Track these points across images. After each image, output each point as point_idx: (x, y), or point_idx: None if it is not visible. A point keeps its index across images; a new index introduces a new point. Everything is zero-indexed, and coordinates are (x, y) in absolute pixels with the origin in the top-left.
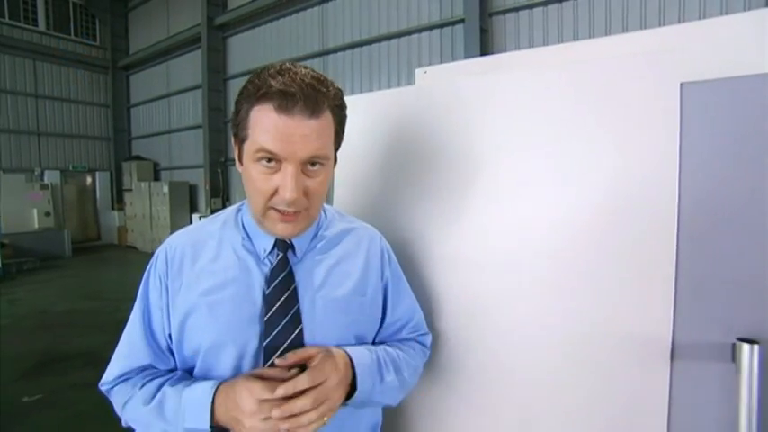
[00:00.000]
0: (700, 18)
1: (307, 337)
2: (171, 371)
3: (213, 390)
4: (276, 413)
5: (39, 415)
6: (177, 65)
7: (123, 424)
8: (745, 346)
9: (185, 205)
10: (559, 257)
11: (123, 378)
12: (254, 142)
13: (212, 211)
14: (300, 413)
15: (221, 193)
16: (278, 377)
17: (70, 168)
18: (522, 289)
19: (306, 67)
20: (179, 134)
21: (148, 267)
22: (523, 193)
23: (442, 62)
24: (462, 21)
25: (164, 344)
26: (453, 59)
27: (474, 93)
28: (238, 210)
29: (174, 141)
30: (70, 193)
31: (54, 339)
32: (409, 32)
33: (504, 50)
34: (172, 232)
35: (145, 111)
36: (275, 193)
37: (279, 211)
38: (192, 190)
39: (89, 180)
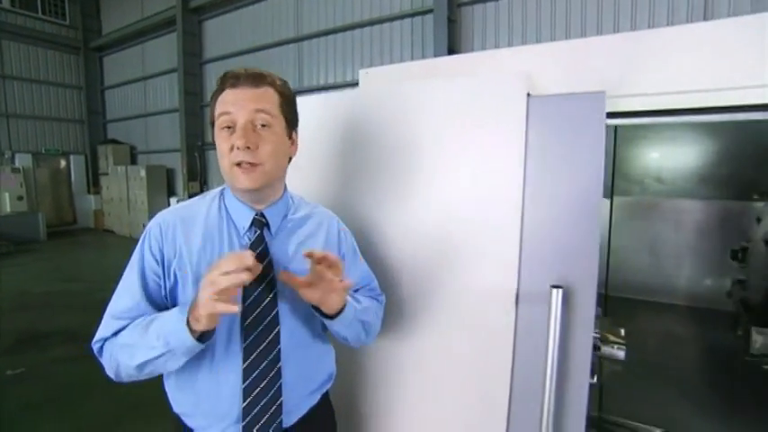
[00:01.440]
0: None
1: (280, 300)
2: None
3: (187, 308)
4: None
5: (22, 386)
6: (152, 47)
7: (112, 373)
8: (554, 290)
9: (163, 189)
10: (455, 237)
11: (120, 330)
12: (217, 113)
13: (190, 195)
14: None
15: (199, 177)
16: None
17: (42, 151)
18: (435, 260)
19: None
20: (155, 118)
21: (143, 237)
22: (426, 186)
23: (413, 51)
24: (431, 11)
25: (159, 299)
26: (423, 49)
27: (383, 99)
28: (221, 192)
29: (150, 125)
30: (43, 176)
31: (33, 319)
32: (381, 21)
33: (472, 41)
34: (150, 216)
35: (120, 93)
36: (233, 148)
37: (239, 165)
38: (170, 174)
39: (63, 163)
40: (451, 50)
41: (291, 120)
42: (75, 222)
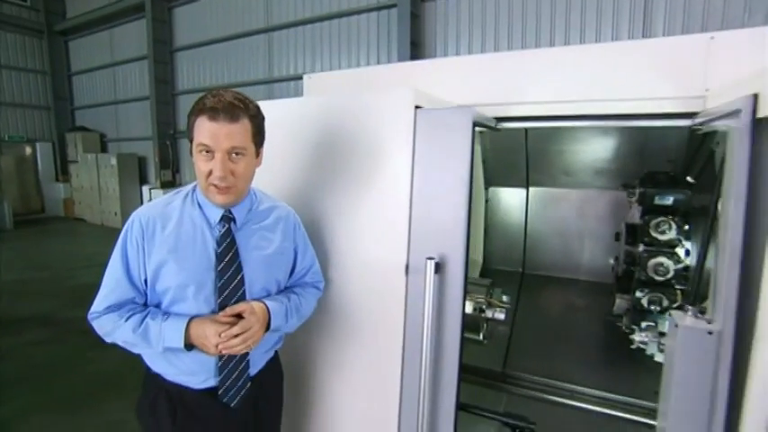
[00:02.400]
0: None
1: (246, 281)
2: (144, 305)
3: (186, 322)
4: (221, 346)
5: None
6: (121, 33)
7: (108, 341)
8: (428, 261)
9: (135, 177)
10: (362, 224)
11: (111, 309)
12: (197, 140)
13: (162, 183)
14: (234, 346)
15: (171, 165)
16: (227, 322)
17: (6, 138)
18: (349, 241)
19: (233, 91)
20: (126, 105)
21: (125, 231)
22: (343, 181)
23: (378, 45)
24: (395, 5)
25: (140, 284)
26: (388, 43)
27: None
28: (193, 189)
29: (120, 112)
30: (7, 164)
31: (5, 306)
32: (348, 14)
33: (435, 35)
34: (122, 204)
35: (88, 79)
36: (211, 173)
37: (215, 186)
38: (142, 162)
39: (29, 150)
40: (414, 45)
41: (260, 141)
42: (44, 211)
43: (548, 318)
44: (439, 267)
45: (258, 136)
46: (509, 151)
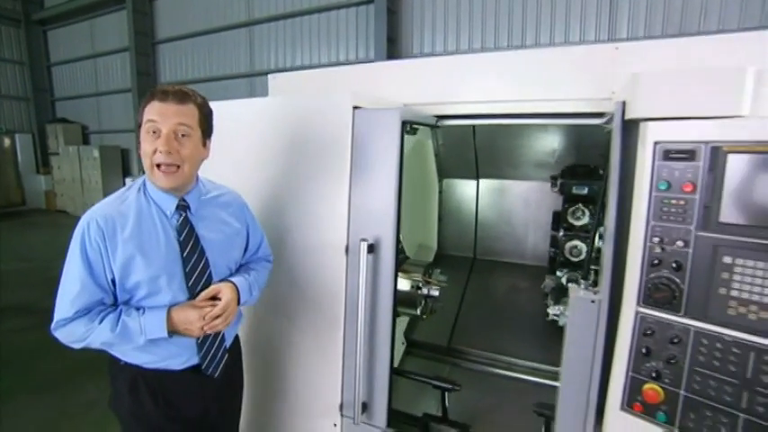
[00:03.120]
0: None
1: (210, 263)
2: (113, 305)
3: (165, 312)
4: (206, 327)
5: None
6: (102, 24)
7: (78, 347)
8: (362, 243)
9: (117, 169)
10: (310, 211)
11: (79, 313)
12: (145, 118)
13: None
14: (217, 325)
15: None
16: (206, 305)
17: None
18: (299, 226)
19: (182, 85)
20: (108, 97)
21: (82, 233)
22: (295, 174)
23: (357, 40)
24: (372, 1)
25: (107, 285)
26: (366, 38)
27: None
28: (143, 184)
29: (102, 104)
30: None
31: None
32: (328, 9)
33: (411, 31)
34: (105, 196)
35: (68, 71)
36: (156, 151)
37: (159, 167)
38: (125, 154)
39: (8, 142)
40: (391, 40)
41: (207, 131)
42: (25, 203)
43: (493, 298)
44: (372, 248)
45: (205, 124)
46: (460, 146)
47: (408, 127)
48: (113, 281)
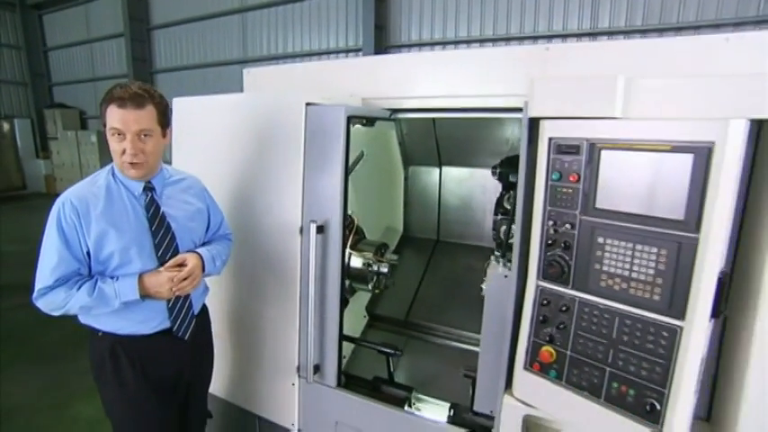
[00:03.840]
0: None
1: (177, 237)
2: (89, 276)
3: (137, 276)
4: (174, 288)
5: None
6: (96, 8)
7: (57, 314)
8: (312, 224)
9: None
10: (269, 196)
11: (59, 282)
12: (109, 125)
13: None
14: (185, 287)
15: None
16: (172, 271)
17: None
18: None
19: (139, 83)
20: (105, 82)
21: (58, 212)
22: (259, 167)
23: (347, 27)
24: None
25: (82, 257)
26: (356, 25)
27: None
28: (111, 170)
29: (99, 89)
30: None
31: None
32: None
33: (400, 19)
34: None
35: (65, 55)
36: (124, 151)
37: (129, 163)
38: None
39: (6, 127)
40: (379, 28)
41: (165, 123)
42: (25, 187)
43: (450, 277)
44: (322, 229)
45: (163, 119)
46: (423, 136)
47: (364, 120)
48: (88, 253)
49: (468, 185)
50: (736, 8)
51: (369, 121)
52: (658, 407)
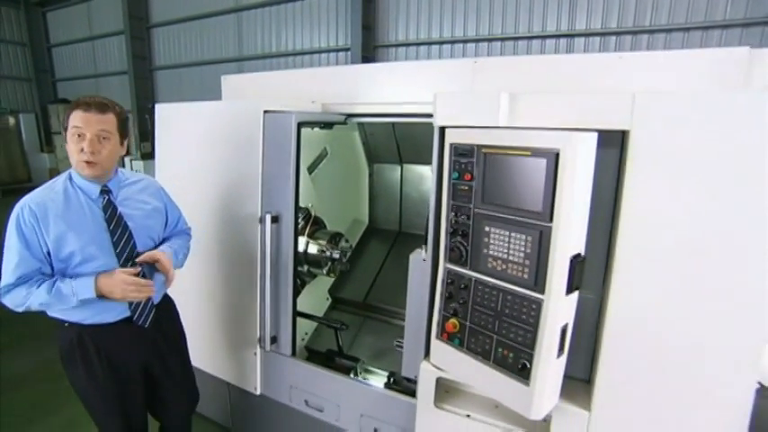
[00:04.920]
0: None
1: (134, 233)
2: (51, 275)
3: (94, 276)
4: (126, 294)
5: None
6: (98, 6)
7: (20, 310)
8: (267, 215)
9: None
10: (232, 193)
11: (21, 280)
12: (71, 125)
13: (142, 155)
14: (136, 295)
15: (150, 137)
16: (128, 271)
17: None
18: (232, 206)
19: (102, 96)
20: (106, 79)
21: (17, 217)
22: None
23: (337, 28)
24: None
25: (42, 257)
26: (346, 25)
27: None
28: (69, 176)
29: (101, 85)
30: None
31: None
32: None
33: (387, 20)
34: None
35: (68, 52)
36: (82, 150)
37: (85, 161)
38: None
39: (12, 121)
40: (366, 28)
41: (123, 133)
42: (31, 180)
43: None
44: (276, 219)
45: (122, 128)
46: (385, 136)
47: (321, 124)
48: (48, 253)
49: (427, 182)
50: (705, 13)
51: (327, 124)
52: (528, 366)
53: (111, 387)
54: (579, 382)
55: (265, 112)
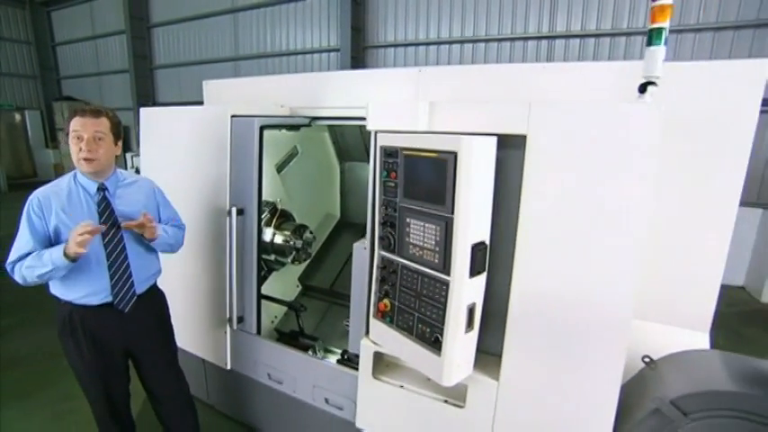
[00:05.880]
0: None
1: (123, 231)
2: None
3: (63, 244)
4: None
5: None
6: (100, 6)
7: (21, 282)
8: (233, 208)
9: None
10: (203, 190)
11: (22, 258)
12: (72, 129)
13: None
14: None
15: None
16: (88, 225)
17: None
18: (205, 201)
19: (98, 104)
20: (109, 77)
21: (28, 206)
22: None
23: (329, 29)
24: None
25: (45, 240)
26: (337, 27)
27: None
28: (74, 174)
29: (104, 83)
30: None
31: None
32: None
33: (377, 21)
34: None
35: (71, 51)
36: (81, 149)
37: (84, 158)
38: (125, 131)
39: (18, 118)
40: (355, 30)
41: (117, 134)
42: (36, 175)
43: None
44: (242, 212)
45: (115, 130)
46: (354, 137)
47: (287, 127)
48: (50, 238)
49: None
50: (679, 17)
51: (292, 126)
52: (440, 339)
53: (93, 361)
54: (495, 357)
55: (232, 116)
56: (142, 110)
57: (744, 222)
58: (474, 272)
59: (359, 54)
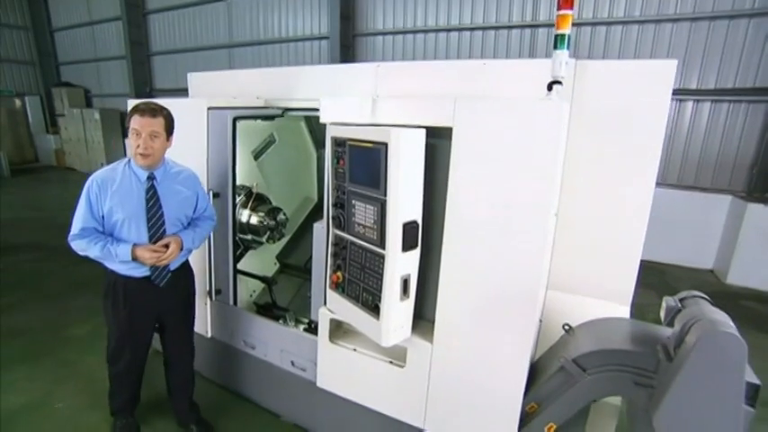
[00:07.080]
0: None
1: (165, 215)
2: (103, 233)
3: (131, 247)
4: (151, 262)
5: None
6: None
7: (82, 254)
8: (210, 191)
9: (117, 130)
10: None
11: (81, 233)
12: (131, 126)
13: None
14: (161, 262)
15: None
16: (157, 249)
17: None
18: None
19: (155, 101)
20: (106, 63)
21: (88, 186)
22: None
23: (320, 16)
24: None
25: (98, 218)
26: (328, 15)
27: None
28: (128, 161)
29: (102, 70)
30: (1, 116)
31: (5, 236)
32: None
33: (365, 10)
34: (107, 155)
35: (69, 36)
36: (138, 146)
37: (140, 153)
38: (123, 117)
39: (18, 103)
40: (345, 18)
41: (170, 131)
42: (37, 161)
43: None
44: (218, 195)
45: (169, 128)
46: None
47: (262, 117)
48: (103, 217)
49: None
50: (658, 7)
51: (267, 117)
52: (379, 305)
53: (125, 322)
54: (432, 323)
55: (209, 108)
56: (130, 101)
57: (713, 209)
58: (407, 247)
59: (348, 42)
